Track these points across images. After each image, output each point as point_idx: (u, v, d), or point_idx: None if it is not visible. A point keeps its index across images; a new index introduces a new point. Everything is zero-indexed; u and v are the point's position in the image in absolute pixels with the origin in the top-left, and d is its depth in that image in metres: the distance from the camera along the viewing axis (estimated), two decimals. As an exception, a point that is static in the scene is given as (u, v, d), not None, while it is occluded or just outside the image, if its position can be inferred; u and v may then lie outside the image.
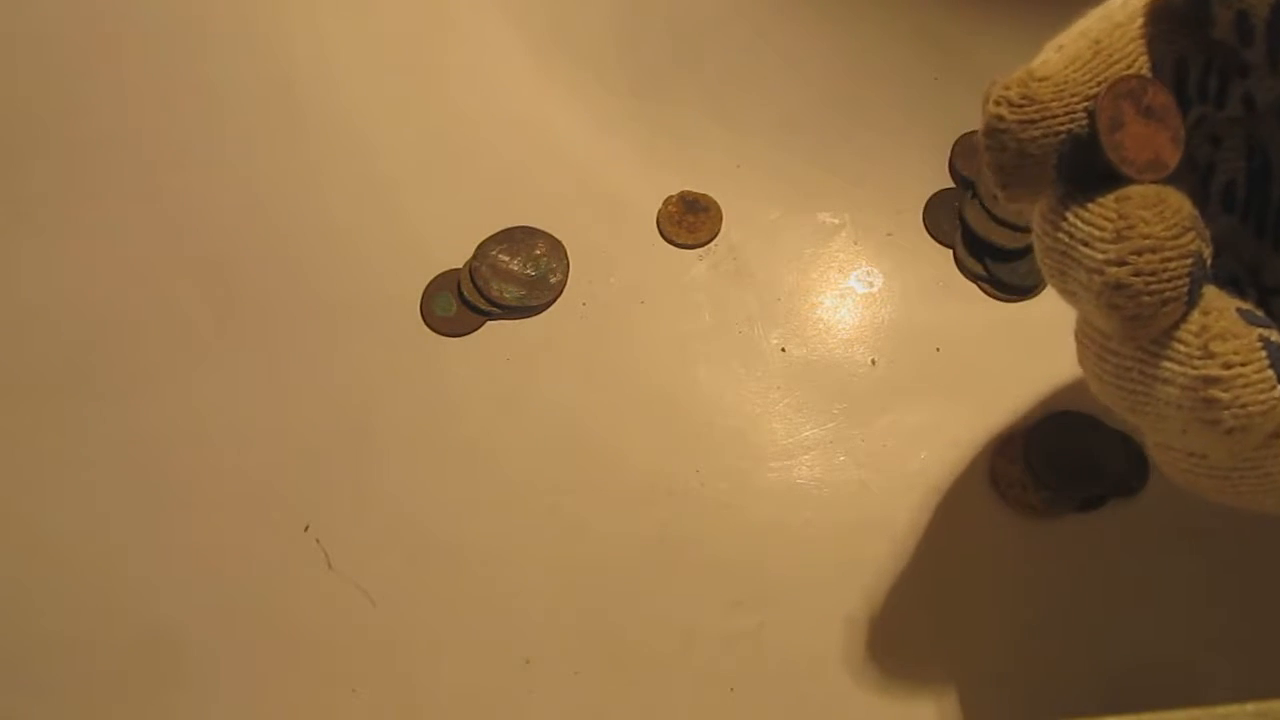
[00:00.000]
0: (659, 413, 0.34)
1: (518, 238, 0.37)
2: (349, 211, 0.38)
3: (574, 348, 0.35)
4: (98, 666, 0.31)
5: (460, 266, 0.36)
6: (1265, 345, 0.18)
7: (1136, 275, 0.18)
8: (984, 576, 0.32)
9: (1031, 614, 0.31)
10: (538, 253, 0.36)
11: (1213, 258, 0.20)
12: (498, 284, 0.36)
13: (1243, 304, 0.19)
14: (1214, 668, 0.30)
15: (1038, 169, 0.20)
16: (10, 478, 0.34)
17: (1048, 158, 0.20)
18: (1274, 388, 0.18)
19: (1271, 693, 0.30)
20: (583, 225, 0.37)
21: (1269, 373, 0.18)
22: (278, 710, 0.31)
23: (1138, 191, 0.19)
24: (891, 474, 0.33)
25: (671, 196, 0.37)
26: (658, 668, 0.31)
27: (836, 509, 0.33)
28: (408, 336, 0.35)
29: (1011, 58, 0.42)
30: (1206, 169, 0.23)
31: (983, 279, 0.36)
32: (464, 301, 0.36)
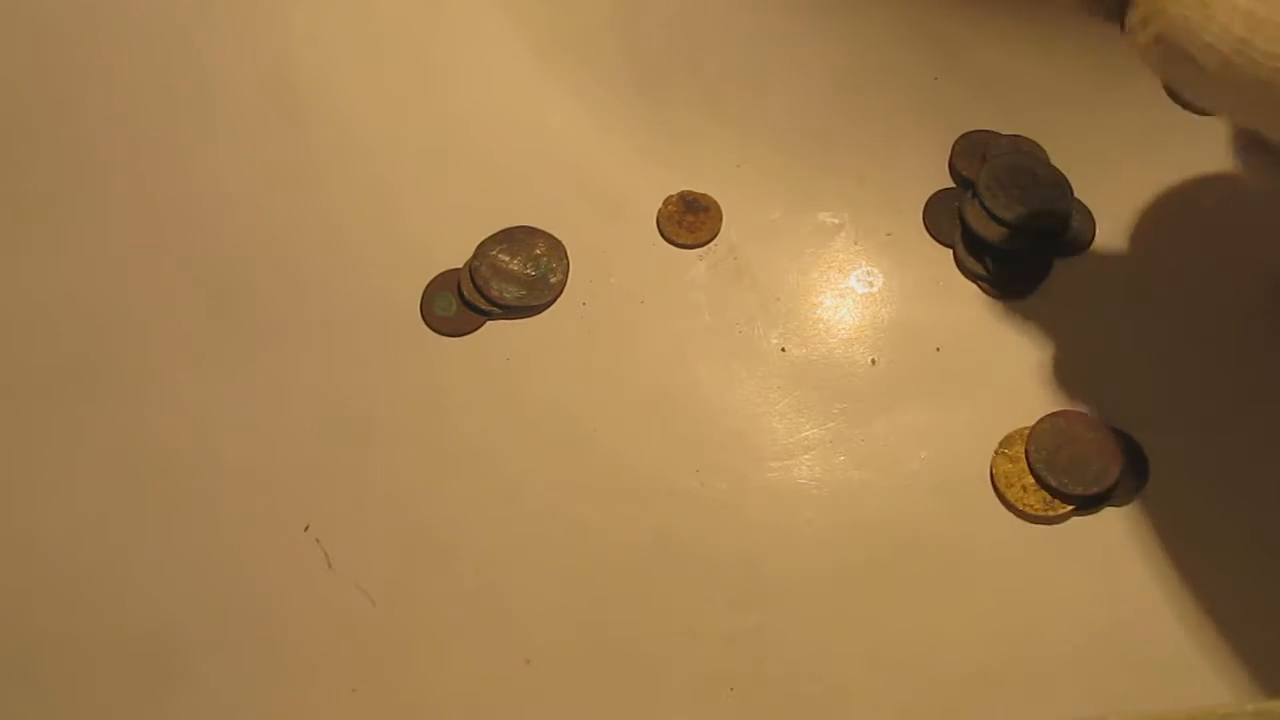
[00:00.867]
0: (659, 413, 0.34)
1: (518, 238, 0.37)
2: (349, 211, 0.38)
3: (574, 348, 0.35)
4: (98, 666, 0.31)
5: (460, 266, 0.36)
6: None
7: None
8: (984, 576, 0.32)
9: (1031, 614, 0.31)
10: (538, 253, 0.36)
11: None
12: (498, 284, 0.36)
13: None
14: (1213, 668, 0.30)
15: None
16: (10, 477, 0.34)
17: None
18: None
19: (1271, 693, 0.30)
20: (583, 225, 0.37)
21: None
22: (277, 710, 0.31)
23: None
24: (891, 474, 0.33)
25: (671, 196, 0.38)
26: (658, 668, 0.31)
27: (836, 509, 0.33)
28: (408, 336, 0.35)
29: (1011, 57, 0.42)
30: None
31: (983, 279, 0.36)
32: (464, 301, 0.36)
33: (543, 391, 0.35)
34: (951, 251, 0.37)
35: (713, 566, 0.32)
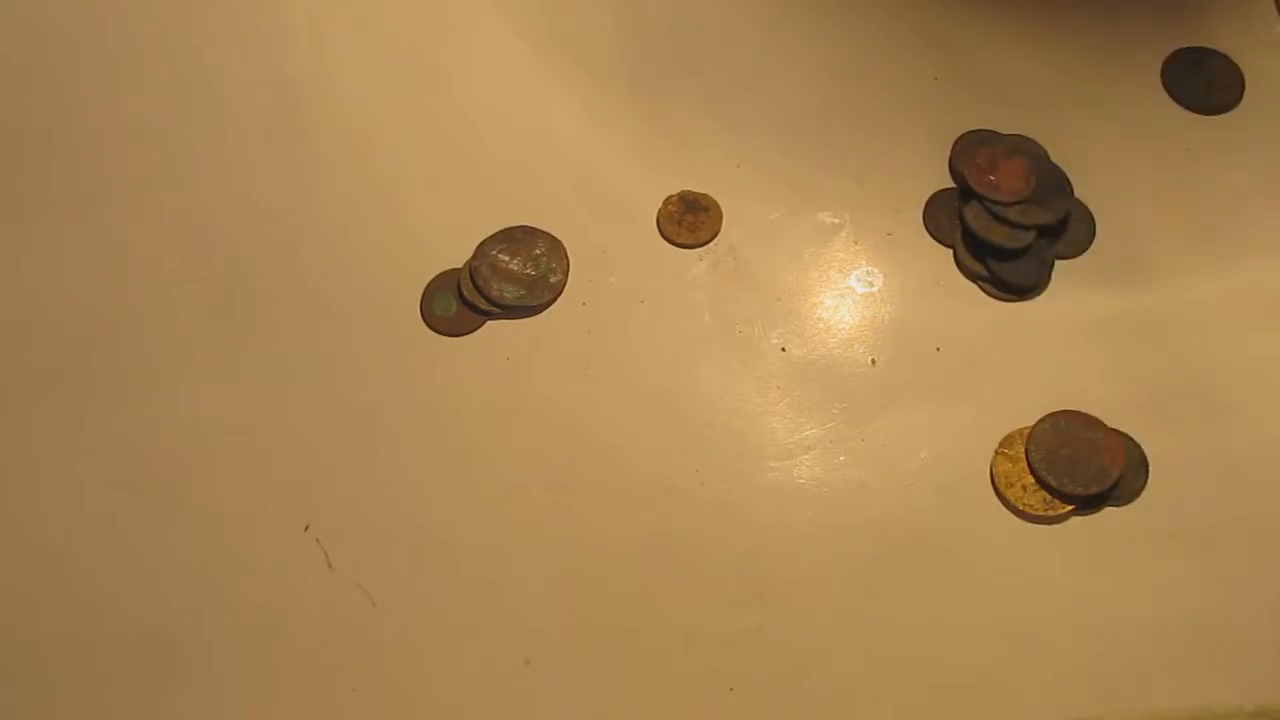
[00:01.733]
0: (659, 412, 0.34)
1: (518, 238, 0.37)
2: (349, 211, 0.38)
3: (574, 348, 0.35)
4: (98, 666, 0.31)
5: (460, 266, 0.36)
6: None
7: None
8: (984, 576, 0.32)
9: (1031, 614, 0.31)
10: (538, 252, 0.36)
11: None
12: (498, 284, 0.36)
13: None
14: (1213, 668, 0.30)
15: None
16: (10, 477, 0.34)
17: None
18: None
19: (1271, 693, 0.30)
20: (583, 225, 0.37)
21: None
22: (277, 710, 0.31)
23: None
24: (891, 474, 0.33)
25: (671, 196, 0.38)
26: (658, 668, 0.31)
27: (836, 509, 0.33)
28: (408, 336, 0.36)
29: (1011, 57, 0.42)
30: None
31: (983, 279, 0.36)
32: (464, 301, 0.36)
33: (543, 391, 0.35)
34: (951, 251, 0.37)
35: (713, 566, 0.32)
